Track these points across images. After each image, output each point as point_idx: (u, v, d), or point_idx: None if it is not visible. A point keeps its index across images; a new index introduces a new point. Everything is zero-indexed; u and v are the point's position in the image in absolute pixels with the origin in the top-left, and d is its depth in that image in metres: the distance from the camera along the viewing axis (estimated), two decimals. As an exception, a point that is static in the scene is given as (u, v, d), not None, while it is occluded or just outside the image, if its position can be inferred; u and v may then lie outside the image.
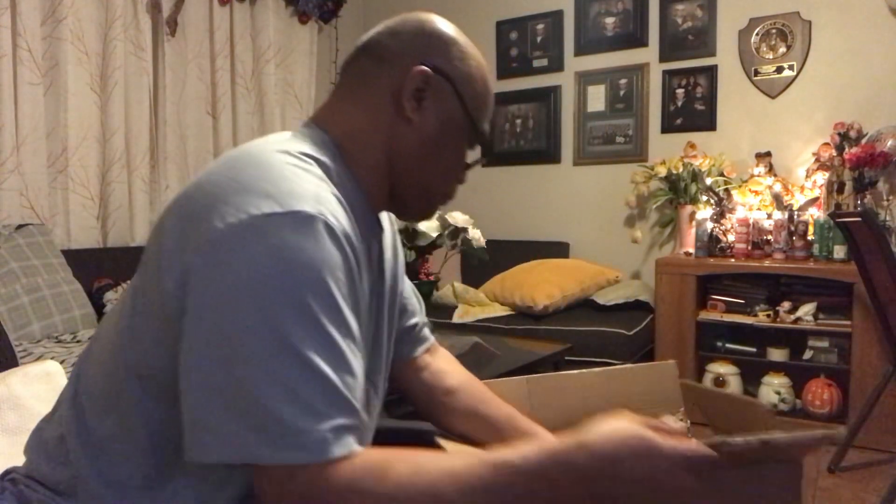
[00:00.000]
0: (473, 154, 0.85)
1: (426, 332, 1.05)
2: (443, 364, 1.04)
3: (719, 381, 2.77)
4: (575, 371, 1.09)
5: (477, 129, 0.82)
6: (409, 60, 0.78)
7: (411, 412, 1.42)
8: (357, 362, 0.64)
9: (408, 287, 1.03)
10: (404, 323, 1.00)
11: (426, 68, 0.78)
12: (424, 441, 1.00)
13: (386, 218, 0.91)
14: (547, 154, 3.69)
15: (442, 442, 0.90)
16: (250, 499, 0.67)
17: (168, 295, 0.63)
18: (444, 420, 0.99)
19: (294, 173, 0.67)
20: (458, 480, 0.63)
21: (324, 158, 0.74)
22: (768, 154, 3.01)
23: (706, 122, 3.24)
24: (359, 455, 0.61)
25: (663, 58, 3.33)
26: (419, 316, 1.03)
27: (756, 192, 2.98)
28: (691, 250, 2.96)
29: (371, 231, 0.81)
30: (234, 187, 0.64)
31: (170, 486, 0.69)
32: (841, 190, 2.75)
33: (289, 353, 0.59)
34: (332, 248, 0.64)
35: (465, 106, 0.80)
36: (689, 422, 1.12)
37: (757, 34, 3.10)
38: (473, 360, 1.93)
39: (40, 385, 1.22)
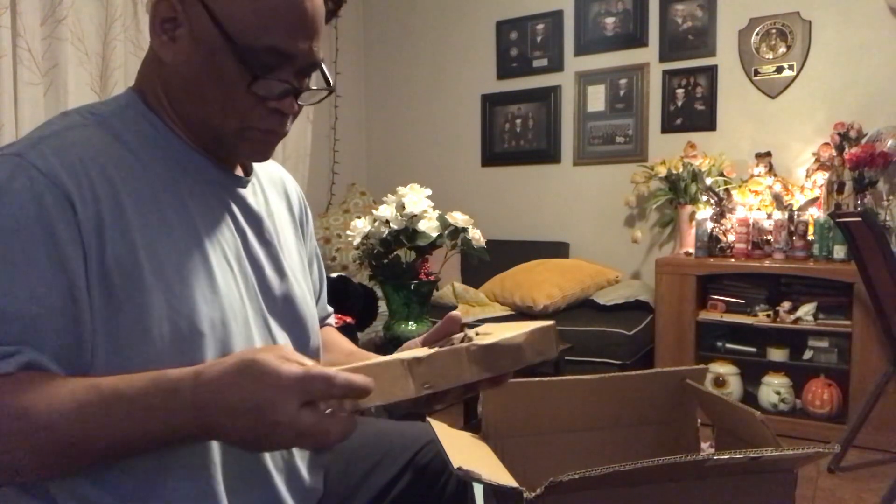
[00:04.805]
0: (279, 78, 0.74)
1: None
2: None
3: (719, 381, 2.77)
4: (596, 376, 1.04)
5: (238, 45, 0.71)
6: None
7: (411, 412, 1.41)
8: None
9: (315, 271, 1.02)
10: None
11: None
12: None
13: (268, 177, 0.92)
14: (547, 154, 3.69)
15: (435, 427, 0.89)
16: None
17: None
18: None
19: (46, 125, 0.73)
20: (53, 400, 0.59)
21: (102, 110, 0.76)
22: (768, 154, 3.01)
23: (706, 122, 3.24)
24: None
25: (663, 58, 3.33)
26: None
27: (756, 192, 2.98)
28: (691, 250, 2.96)
29: (206, 178, 0.79)
30: None
31: None
32: (841, 190, 2.75)
33: None
34: (18, 185, 0.65)
35: (216, 22, 0.71)
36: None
37: (757, 34, 3.09)
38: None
39: None
